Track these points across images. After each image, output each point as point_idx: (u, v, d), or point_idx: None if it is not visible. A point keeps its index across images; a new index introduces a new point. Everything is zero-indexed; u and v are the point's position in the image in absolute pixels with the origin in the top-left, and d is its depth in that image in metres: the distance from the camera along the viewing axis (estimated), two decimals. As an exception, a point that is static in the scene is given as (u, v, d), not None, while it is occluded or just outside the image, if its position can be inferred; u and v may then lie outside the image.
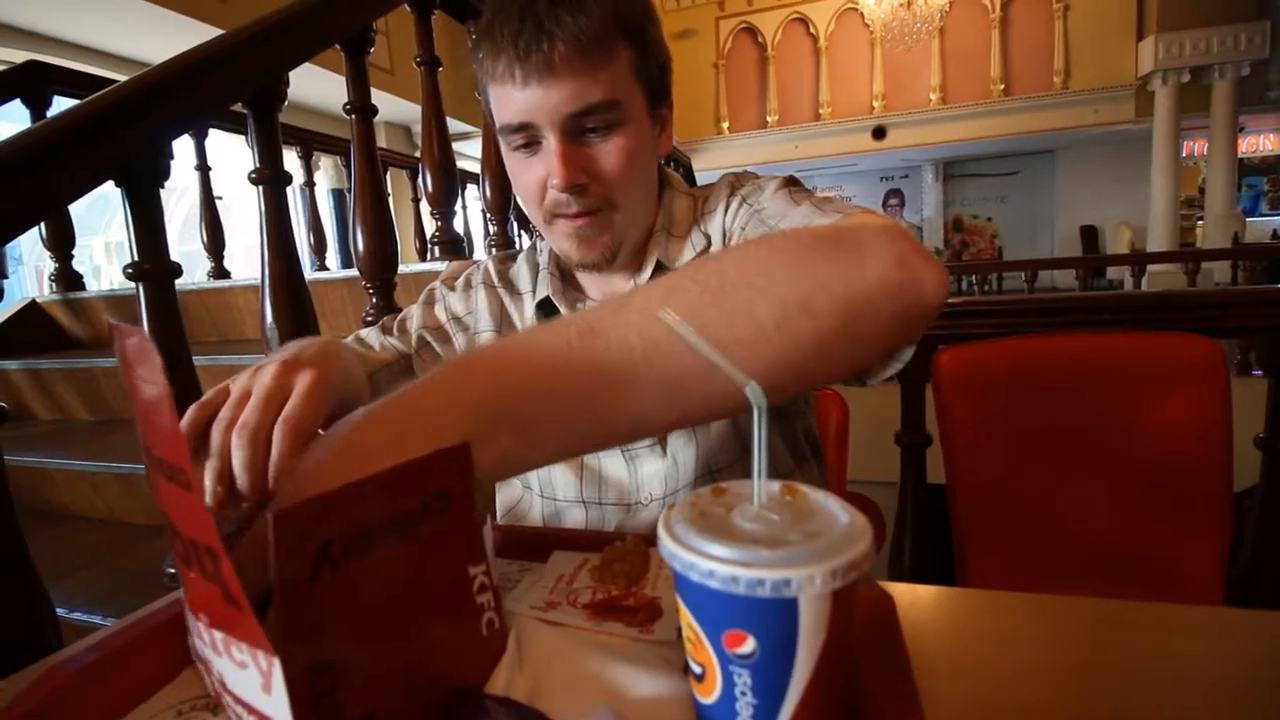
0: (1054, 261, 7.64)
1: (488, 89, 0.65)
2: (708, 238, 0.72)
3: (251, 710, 0.28)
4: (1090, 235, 10.04)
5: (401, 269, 1.54)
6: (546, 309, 0.75)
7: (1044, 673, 0.44)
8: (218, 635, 0.28)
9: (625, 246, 0.69)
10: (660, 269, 0.71)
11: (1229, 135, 7.42)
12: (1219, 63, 7.25)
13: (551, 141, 0.62)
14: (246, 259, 5.63)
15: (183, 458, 0.25)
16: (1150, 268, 6.33)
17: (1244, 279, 5.62)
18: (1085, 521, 1.07)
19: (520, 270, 0.81)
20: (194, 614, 0.29)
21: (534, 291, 0.78)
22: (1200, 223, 8.67)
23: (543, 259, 0.78)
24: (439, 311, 0.80)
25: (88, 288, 2.34)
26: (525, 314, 0.78)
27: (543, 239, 0.80)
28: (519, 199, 0.69)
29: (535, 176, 0.64)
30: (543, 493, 0.75)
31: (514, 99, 0.61)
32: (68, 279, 2.28)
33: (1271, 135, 10.15)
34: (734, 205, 0.70)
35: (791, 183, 0.67)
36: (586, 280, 0.76)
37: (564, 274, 0.77)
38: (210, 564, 0.26)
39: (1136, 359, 1.03)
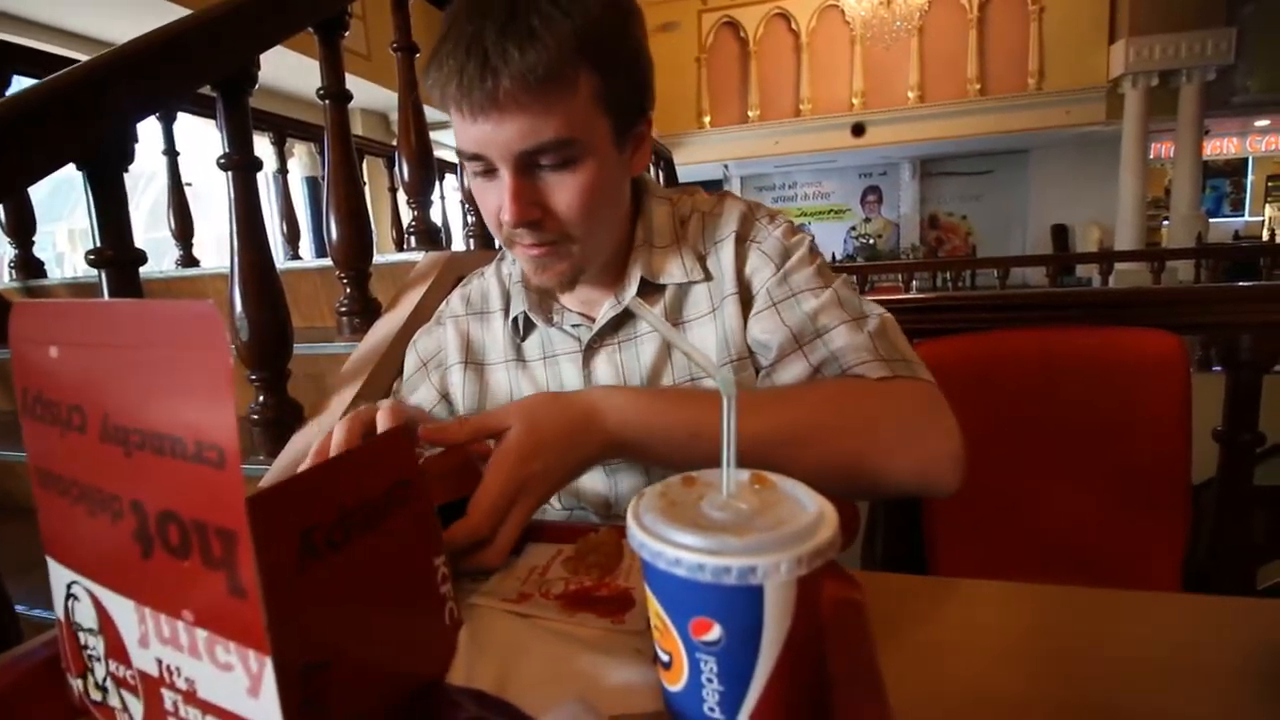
0: (1026, 259, 7.76)
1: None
2: (704, 266, 0.70)
3: (230, 718, 0.27)
4: (1061, 234, 10.23)
5: (377, 259, 1.52)
6: (523, 325, 0.75)
7: (1008, 658, 0.45)
8: (200, 635, 0.27)
9: (589, 270, 0.68)
10: (645, 285, 0.69)
11: (1195, 138, 7.60)
12: (1187, 67, 7.41)
13: (504, 176, 0.60)
14: (218, 248, 5.51)
15: (228, 436, 0.24)
16: (1118, 266, 6.46)
17: (1207, 278, 5.77)
18: (1052, 512, 1.09)
19: (488, 288, 0.80)
20: (170, 615, 0.28)
21: (505, 310, 0.77)
22: (1166, 223, 8.88)
23: (516, 270, 0.76)
24: (411, 362, 0.82)
25: (50, 275, 2.27)
26: (495, 332, 0.77)
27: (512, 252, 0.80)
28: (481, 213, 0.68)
29: (493, 202, 0.62)
30: None
31: (464, 130, 0.59)
32: (28, 266, 2.21)
33: (1235, 139, 10.42)
34: (754, 258, 0.68)
35: (814, 253, 0.69)
36: (566, 294, 0.74)
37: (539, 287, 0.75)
38: (221, 549, 0.25)
39: (1102, 354, 1.06)
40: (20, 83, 2.15)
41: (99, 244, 0.96)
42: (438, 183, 2.23)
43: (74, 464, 0.30)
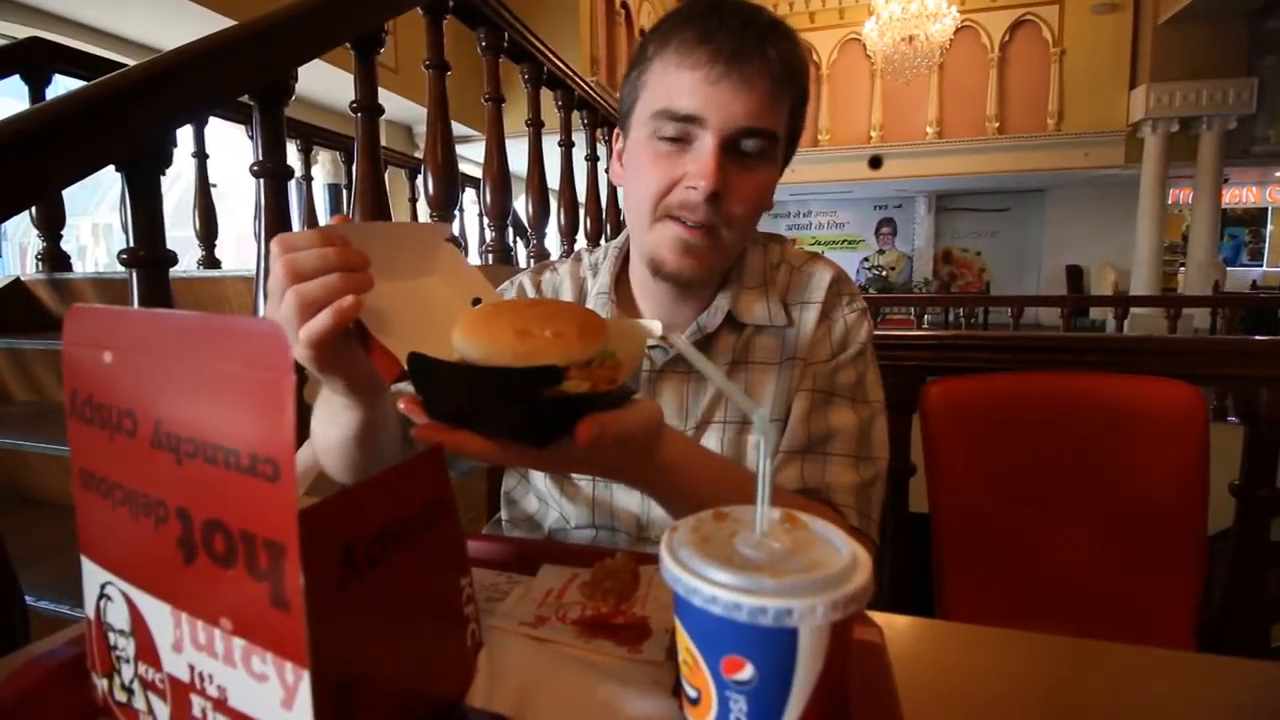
0: (1040, 299, 7.76)
1: (653, 70, 0.64)
2: (789, 313, 0.72)
3: None
4: (1075, 274, 10.21)
5: (397, 269, 1.54)
6: None
7: (1023, 709, 0.44)
8: (237, 643, 0.27)
9: (716, 273, 0.69)
10: (730, 321, 0.71)
11: (1214, 186, 7.60)
12: (1207, 115, 7.45)
13: (708, 145, 0.62)
14: (237, 248, 5.58)
15: (285, 452, 0.25)
16: (1133, 310, 6.44)
17: (1223, 326, 5.73)
18: (1062, 558, 1.08)
19: (560, 283, 0.78)
20: (207, 622, 0.28)
21: None
22: (1182, 269, 8.85)
23: (598, 280, 0.75)
24: None
25: (74, 269, 2.31)
26: None
27: (591, 255, 0.79)
28: (631, 189, 0.68)
29: (669, 173, 0.63)
30: (563, 512, 0.75)
31: (695, 89, 0.61)
32: (55, 259, 2.25)
33: (1254, 188, 10.41)
34: (823, 335, 0.71)
35: (868, 353, 0.73)
36: (649, 312, 0.74)
37: (621, 301, 0.74)
38: (268, 561, 0.25)
39: (1120, 401, 1.05)
40: (61, 81, 2.21)
41: (132, 244, 0.98)
42: (460, 196, 2.26)
43: (121, 468, 0.31)
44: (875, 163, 9.27)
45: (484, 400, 0.42)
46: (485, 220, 2.09)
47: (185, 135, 2.48)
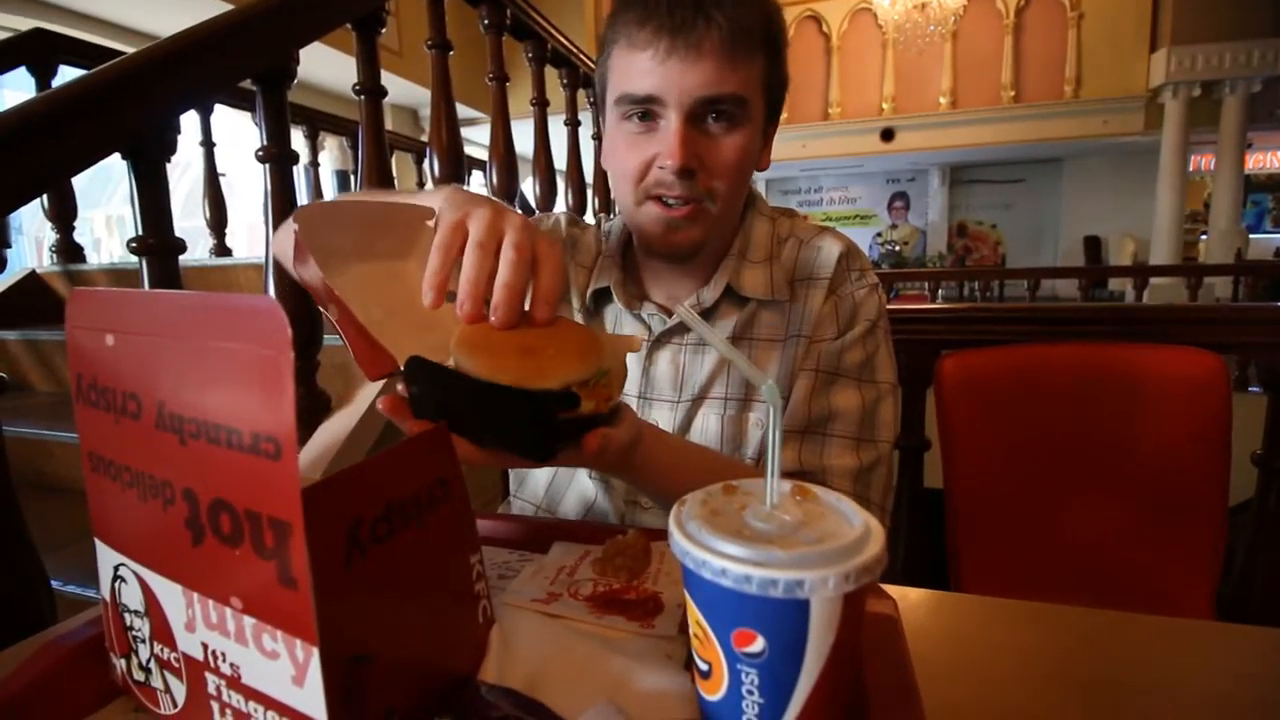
0: (1057, 271, 7.62)
1: (614, 55, 0.64)
2: (793, 288, 0.70)
3: (273, 704, 0.28)
4: (1094, 245, 10.03)
5: (406, 253, 1.54)
6: (602, 299, 0.74)
7: (1040, 681, 0.44)
8: (248, 622, 0.27)
9: (706, 247, 0.68)
10: (730, 294, 0.70)
11: (1237, 151, 7.39)
12: (1231, 78, 7.21)
13: (672, 121, 0.61)
14: (248, 238, 5.61)
15: (286, 429, 0.24)
16: (1152, 280, 6.31)
17: (1245, 295, 5.62)
18: (1080, 530, 1.07)
19: (587, 242, 0.79)
20: (218, 601, 0.28)
21: (592, 270, 0.76)
22: (1204, 237, 8.66)
23: (609, 244, 0.76)
24: None
25: (88, 260, 2.33)
26: (579, 283, 0.76)
27: (606, 224, 0.79)
28: (613, 173, 0.68)
29: (642, 154, 0.63)
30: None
31: (648, 70, 0.60)
32: (69, 250, 2.27)
33: (1279, 153, 10.13)
34: (830, 311, 0.69)
35: (877, 331, 0.69)
36: (651, 282, 0.74)
37: (627, 267, 0.75)
38: (274, 540, 0.25)
39: (1139, 371, 1.03)
40: (67, 72, 2.21)
41: (141, 232, 0.98)
42: (466, 179, 2.24)
43: (127, 450, 0.31)
44: (887, 135, 9.10)
45: (491, 416, 0.43)
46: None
47: (193, 125, 2.47)
